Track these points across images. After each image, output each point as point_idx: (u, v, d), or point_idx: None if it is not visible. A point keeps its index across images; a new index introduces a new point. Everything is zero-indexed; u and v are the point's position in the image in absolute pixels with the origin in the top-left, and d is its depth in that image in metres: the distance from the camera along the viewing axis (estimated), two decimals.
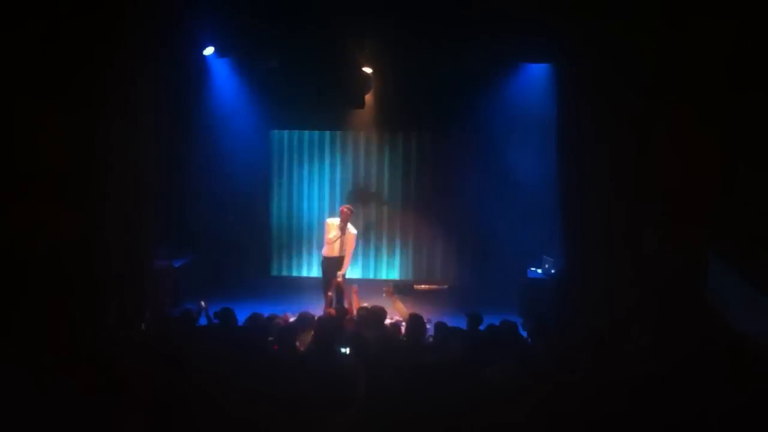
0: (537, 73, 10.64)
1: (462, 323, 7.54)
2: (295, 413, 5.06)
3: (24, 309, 7.55)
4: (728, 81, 8.32)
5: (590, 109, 9.28)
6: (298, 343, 6.82)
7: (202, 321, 7.94)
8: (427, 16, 9.21)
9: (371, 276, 11.75)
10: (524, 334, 7.34)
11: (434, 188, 12.21)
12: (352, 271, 10.46)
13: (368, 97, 11.21)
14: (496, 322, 7.09)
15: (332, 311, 8.57)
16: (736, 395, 5.37)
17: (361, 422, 5.06)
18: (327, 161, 12.25)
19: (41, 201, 9.29)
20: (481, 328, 7.32)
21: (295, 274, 12.41)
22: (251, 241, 12.17)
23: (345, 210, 10.03)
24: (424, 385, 5.46)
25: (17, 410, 5.00)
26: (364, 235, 12.11)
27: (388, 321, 7.64)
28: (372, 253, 12.29)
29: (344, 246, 10.00)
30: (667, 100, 8.98)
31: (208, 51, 10.31)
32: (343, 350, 6.40)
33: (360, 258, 11.82)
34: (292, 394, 5.25)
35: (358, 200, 12.05)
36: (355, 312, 8.33)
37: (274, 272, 12.43)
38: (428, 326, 7.42)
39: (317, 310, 8.91)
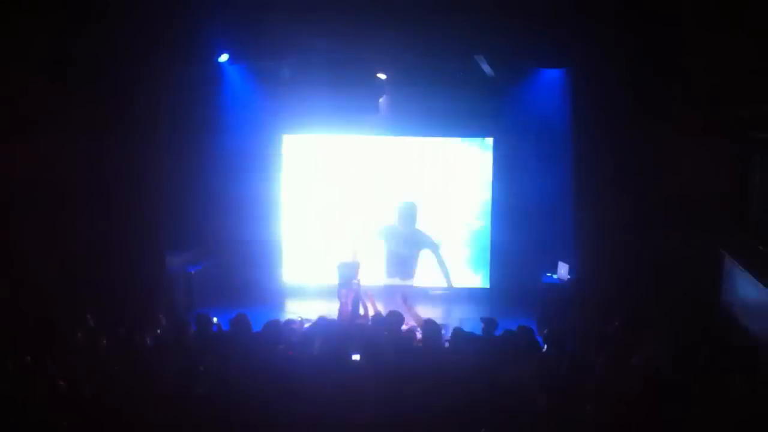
0: (552, 79, 10.61)
1: (478, 329, 7.52)
2: (308, 418, 5.07)
3: (38, 316, 7.60)
4: (743, 86, 8.30)
5: (605, 114, 9.26)
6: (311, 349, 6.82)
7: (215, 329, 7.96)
8: (440, 23, 9.20)
9: (387, 281, 11.67)
10: (540, 339, 7.31)
11: (449, 193, 12.16)
12: (367, 277, 10.43)
13: (382, 103, 11.21)
14: (512, 328, 7.07)
15: (347, 317, 8.57)
16: (751, 399, 5.33)
17: (374, 428, 5.05)
18: (341, 166, 12.23)
19: (55, 209, 9.36)
20: (497, 333, 7.29)
21: (309, 280, 12.36)
22: (266, 246, 12.15)
23: (360, 220, 10.08)
24: (439, 391, 5.45)
25: (31, 413, 5.04)
26: (378, 240, 12.06)
27: (403, 327, 7.61)
28: (387, 258, 12.23)
29: (359, 252, 10.01)
30: (682, 105, 8.96)
31: (223, 58, 10.34)
32: (354, 357, 6.39)
33: (376, 263, 11.76)
34: (304, 400, 5.26)
35: (372, 206, 12.03)
36: (370, 318, 8.33)
37: (289, 278, 12.40)
38: (443, 332, 7.39)
39: (333, 316, 8.90)
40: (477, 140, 11.99)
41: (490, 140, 11.91)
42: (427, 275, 12.18)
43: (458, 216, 12.16)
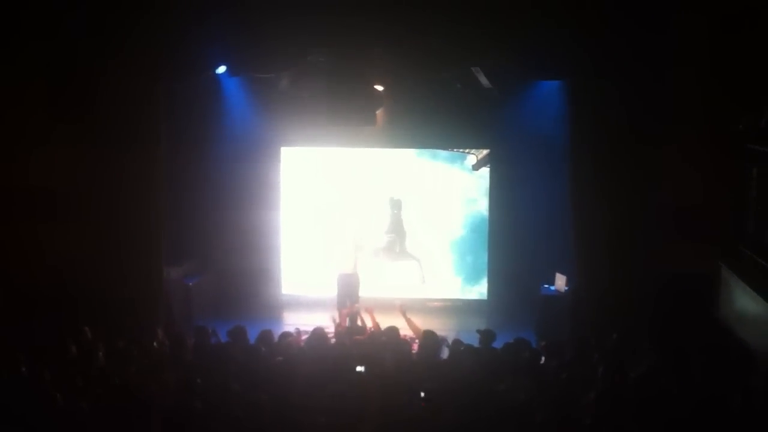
0: (549, 90, 10.63)
1: (475, 340, 7.51)
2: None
3: (35, 326, 7.61)
4: (740, 99, 8.34)
5: (602, 125, 9.28)
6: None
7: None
8: (437, 35, 9.23)
9: (384, 294, 11.66)
10: (538, 351, 7.30)
11: (447, 205, 12.17)
12: (365, 290, 10.44)
13: (379, 115, 11.21)
14: (510, 339, 7.06)
15: (344, 329, 8.56)
16: (748, 410, 5.33)
17: None
18: (338, 178, 12.24)
19: (53, 220, 9.36)
20: (495, 345, 7.29)
21: (307, 292, 12.34)
22: (265, 258, 12.15)
23: (357, 231, 10.10)
24: (437, 403, 5.45)
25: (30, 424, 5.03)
26: (376, 254, 12.06)
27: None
28: (386, 270, 12.23)
29: (358, 264, 10.03)
30: (679, 117, 8.99)
31: (221, 69, 10.35)
32: (358, 369, 6.40)
33: (373, 276, 11.76)
34: (304, 412, 5.25)
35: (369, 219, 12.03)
36: (369, 331, 8.31)
37: (287, 290, 12.38)
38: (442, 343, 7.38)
39: (330, 328, 8.89)
40: (473, 152, 12.02)
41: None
42: (427, 287, 12.24)
43: (455, 228, 12.17)
